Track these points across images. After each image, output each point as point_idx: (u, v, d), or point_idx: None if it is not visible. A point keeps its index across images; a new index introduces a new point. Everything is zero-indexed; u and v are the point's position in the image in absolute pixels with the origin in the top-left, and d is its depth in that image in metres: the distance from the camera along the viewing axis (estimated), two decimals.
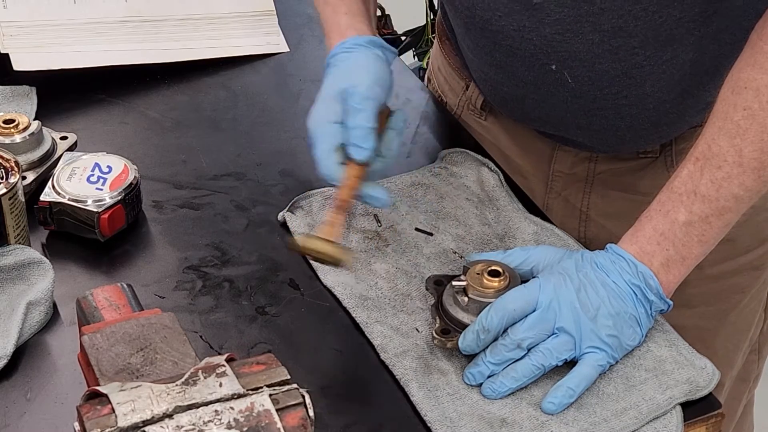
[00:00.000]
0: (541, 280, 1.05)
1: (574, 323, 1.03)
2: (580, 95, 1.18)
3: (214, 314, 1.12)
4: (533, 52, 1.16)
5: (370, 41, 1.18)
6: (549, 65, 1.16)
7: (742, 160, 1.03)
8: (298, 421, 0.81)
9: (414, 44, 2.61)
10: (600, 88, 1.17)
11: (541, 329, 1.03)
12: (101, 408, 0.79)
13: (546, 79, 1.18)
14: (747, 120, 1.03)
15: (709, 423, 1.05)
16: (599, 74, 1.15)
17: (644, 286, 1.06)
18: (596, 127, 1.22)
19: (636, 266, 1.06)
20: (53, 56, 1.42)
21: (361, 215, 1.22)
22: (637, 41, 1.11)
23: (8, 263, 1.10)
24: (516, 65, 1.19)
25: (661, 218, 1.07)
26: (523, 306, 1.03)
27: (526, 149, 1.34)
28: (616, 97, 1.17)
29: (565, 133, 1.26)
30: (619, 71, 1.14)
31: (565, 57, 1.14)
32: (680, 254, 1.07)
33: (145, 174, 1.25)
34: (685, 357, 1.08)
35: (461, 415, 1.01)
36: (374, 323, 1.10)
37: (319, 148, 1.11)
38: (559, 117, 1.23)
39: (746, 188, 1.04)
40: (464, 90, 1.39)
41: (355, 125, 1.10)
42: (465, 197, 1.26)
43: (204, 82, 1.46)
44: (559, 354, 1.03)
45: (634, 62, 1.13)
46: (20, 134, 1.23)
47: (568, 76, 1.16)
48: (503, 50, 1.19)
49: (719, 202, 1.05)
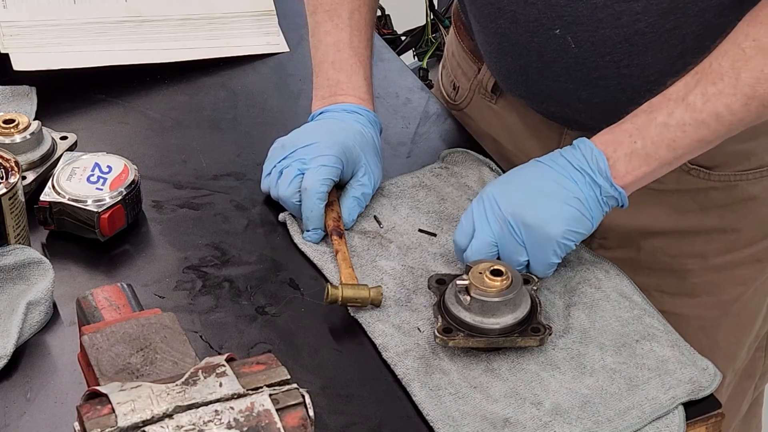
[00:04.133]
0: (473, 204, 1.14)
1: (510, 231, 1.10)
2: (582, 62, 1.18)
3: (214, 314, 1.12)
4: (537, 17, 1.16)
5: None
6: (553, 30, 1.17)
7: (737, 83, 1.06)
8: (298, 421, 0.81)
9: (414, 44, 2.61)
10: (602, 54, 1.17)
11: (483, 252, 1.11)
12: (101, 408, 0.79)
13: (549, 45, 1.18)
14: (753, 49, 1.06)
15: (709, 423, 1.05)
16: (602, 39, 1.16)
17: (594, 170, 1.10)
18: (598, 100, 1.22)
19: (592, 151, 1.10)
20: (53, 56, 1.42)
21: (362, 216, 1.22)
22: (640, 6, 1.12)
23: (8, 263, 1.10)
24: (519, 32, 1.20)
25: (644, 116, 1.11)
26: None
27: (535, 131, 1.34)
28: (618, 66, 1.18)
29: (568, 109, 1.26)
30: (621, 37, 1.15)
31: (569, 21, 1.15)
32: (646, 150, 1.10)
33: (145, 174, 1.25)
34: (687, 357, 1.08)
35: (464, 415, 1.01)
36: (376, 322, 1.10)
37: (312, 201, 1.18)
38: (561, 89, 1.23)
39: (731, 110, 1.07)
40: (476, 74, 1.39)
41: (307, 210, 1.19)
42: (467, 197, 1.26)
43: (204, 82, 1.46)
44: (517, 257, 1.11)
45: (636, 29, 1.14)
46: (20, 134, 1.23)
47: (571, 41, 1.17)
48: (507, 17, 1.19)
49: (701, 114, 1.08)
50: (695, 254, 1.32)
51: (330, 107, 1.26)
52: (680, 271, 1.33)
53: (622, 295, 1.14)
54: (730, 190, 1.28)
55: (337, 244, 1.17)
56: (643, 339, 1.09)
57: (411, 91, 1.45)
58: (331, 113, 1.25)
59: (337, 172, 1.18)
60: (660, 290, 1.33)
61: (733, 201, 1.29)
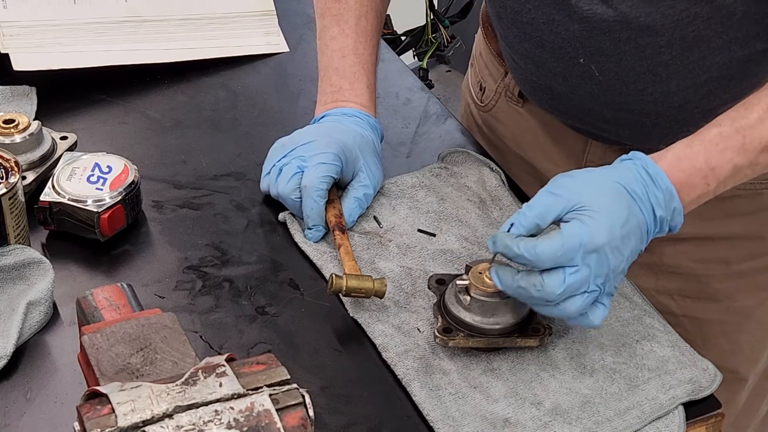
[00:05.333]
0: (583, 239, 0.99)
1: (605, 282, 1.01)
2: (606, 89, 1.18)
3: (214, 314, 1.12)
4: (561, 45, 1.17)
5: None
6: (577, 59, 1.17)
7: None
8: (298, 421, 0.81)
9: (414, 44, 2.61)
10: (626, 83, 1.17)
11: (575, 290, 1.00)
12: (101, 408, 0.79)
13: (574, 71, 1.19)
14: None
15: (709, 423, 1.05)
16: (626, 70, 1.15)
17: (669, 220, 1.04)
18: (622, 122, 1.22)
19: (672, 200, 1.04)
20: (53, 56, 1.42)
21: (362, 217, 1.22)
22: (663, 40, 1.11)
23: (8, 263, 1.10)
24: (545, 57, 1.20)
25: (718, 154, 1.04)
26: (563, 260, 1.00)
27: (561, 138, 1.34)
28: (642, 93, 1.17)
29: (593, 127, 1.26)
30: (644, 68, 1.15)
31: (593, 52, 1.15)
32: (716, 191, 1.06)
33: (145, 174, 1.25)
34: (687, 358, 1.08)
35: (464, 415, 1.01)
36: (375, 322, 1.10)
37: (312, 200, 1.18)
38: (586, 109, 1.23)
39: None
40: (503, 76, 1.39)
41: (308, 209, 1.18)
42: (466, 198, 1.26)
43: (204, 82, 1.46)
44: (584, 309, 1.01)
45: (660, 60, 1.14)
46: (20, 134, 1.23)
47: (595, 70, 1.17)
48: (533, 42, 1.20)
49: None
50: (719, 260, 1.32)
51: (330, 111, 1.26)
52: (703, 276, 1.33)
53: (622, 295, 1.14)
54: (755, 197, 1.28)
55: (340, 239, 1.17)
56: (643, 339, 1.09)
57: (411, 91, 1.45)
58: (331, 116, 1.25)
59: (336, 170, 1.18)
60: (682, 295, 1.33)
61: (757, 209, 1.29)
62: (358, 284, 1.09)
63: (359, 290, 1.10)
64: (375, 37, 1.31)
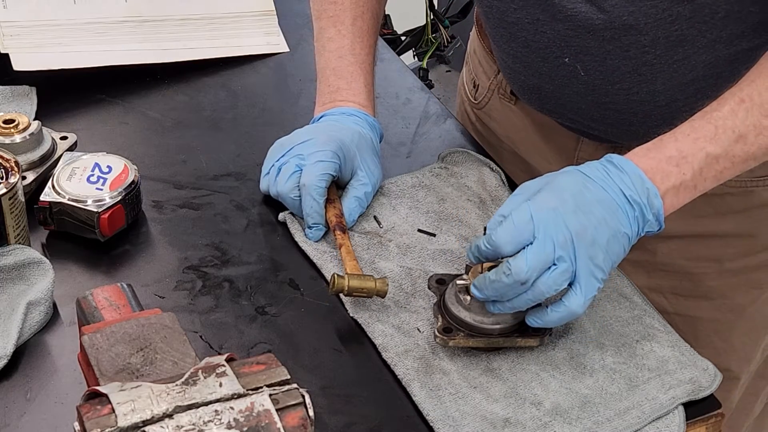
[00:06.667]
0: (532, 209, 1.02)
1: (573, 251, 1.01)
2: (593, 88, 1.19)
3: (214, 314, 1.12)
4: (546, 44, 1.17)
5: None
6: (562, 58, 1.17)
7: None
8: (298, 421, 0.81)
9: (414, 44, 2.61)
10: (612, 82, 1.17)
11: (541, 262, 1.00)
12: (101, 408, 0.79)
13: (560, 71, 1.19)
14: None
15: (708, 423, 1.05)
16: (611, 69, 1.16)
17: (646, 204, 1.04)
18: (610, 120, 1.22)
19: (643, 182, 1.04)
20: (53, 56, 1.42)
21: (362, 217, 1.22)
22: (647, 39, 1.12)
23: (8, 263, 1.10)
24: (531, 57, 1.21)
25: (689, 143, 1.05)
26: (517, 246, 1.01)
27: (553, 135, 1.35)
28: (628, 93, 1.18)
29: (582, 126, 1.27)
30: (629, 68, 1.15)
31: (577, 51, 1.16)
32: (694, 182, 1.06)
33: (145, 174, 1.25)
34: (687, 358, 1.08)
35: (464, 415, 1.01)
36: (375, 322, 1.10)
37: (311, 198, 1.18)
38: (574, 108, 1.24)
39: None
40: (496, 74, 1.40)
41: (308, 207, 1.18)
42: (466, 198, 1.26)
43: (204, 82, 1.46)
44: (557, 285, 1.01)
45: (645, 60, 1.14)
46: (20, 134, 1.23)
47: (581, 70, 1.17)
48: (519, 42, 1.20)
49: (752, 147, 1.05)
50: (711, 258, 1.32)
51: (329, 111, 1.26)
52: (695, 274, 1.33)
53: (622, 295, 1.14)
54: (746, 195, 1.28)
55: (341, 239, 1.17)
56: (643, 339, 1.09)
57: (411, 91, 1.45)
58: (329, 116, 1.26)
59: (334, 167, 1.19)
60: (675, 293, 1.33)
61: (749, 206, 1.29)
62: (360, 284, 1.09)
63: (361, 290, 1.10)
64: (372, 36, 1.31)
